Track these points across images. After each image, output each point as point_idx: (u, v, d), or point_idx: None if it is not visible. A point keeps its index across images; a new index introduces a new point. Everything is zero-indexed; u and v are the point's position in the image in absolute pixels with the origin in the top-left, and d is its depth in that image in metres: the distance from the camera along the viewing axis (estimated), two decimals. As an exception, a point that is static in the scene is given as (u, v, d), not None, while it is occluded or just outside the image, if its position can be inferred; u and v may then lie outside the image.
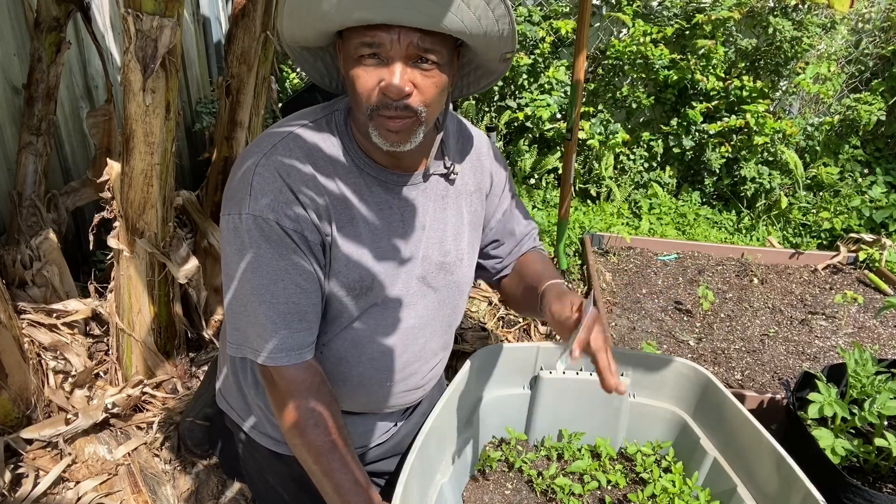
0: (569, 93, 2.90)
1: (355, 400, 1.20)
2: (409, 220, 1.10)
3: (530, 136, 4.67)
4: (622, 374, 1.45)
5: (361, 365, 1.14)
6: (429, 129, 1.01)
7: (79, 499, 1.90)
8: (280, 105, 4.13)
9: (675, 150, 4.46)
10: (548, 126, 4.45)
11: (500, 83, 4.63)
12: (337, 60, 1.06)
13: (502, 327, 2.98)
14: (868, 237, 3.70)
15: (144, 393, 2.23)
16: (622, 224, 4.25)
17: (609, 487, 1.38)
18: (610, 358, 0.98)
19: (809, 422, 1.75)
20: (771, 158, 4.33)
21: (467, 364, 1.39)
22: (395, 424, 1.32)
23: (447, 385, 1.31)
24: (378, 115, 0.95)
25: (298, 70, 5.08)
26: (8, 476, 1.87)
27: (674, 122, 4.45)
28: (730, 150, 4.35)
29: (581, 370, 1.46)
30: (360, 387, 1.17)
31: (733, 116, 4.29)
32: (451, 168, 1.14)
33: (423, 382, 1.26)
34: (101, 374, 2.34)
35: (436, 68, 0.94)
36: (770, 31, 4.17)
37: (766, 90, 4.26)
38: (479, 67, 1.10)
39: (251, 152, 1.03)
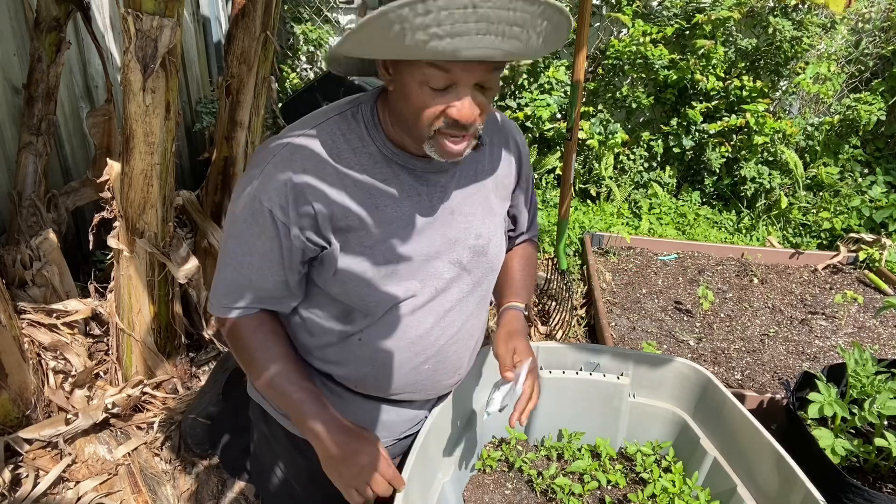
0: (569, 93, 2.90)
1: (395, 384, 1.20)
2: (437, 204, 1.11)
3: (530, 136, 4.67)
4: (621, 374, 1.45)
5: (400, 350, 1.16)
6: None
7: (79, 499, 1.90)
8: (280, 105, 4.13)
9: (675, 150, 4.46)
10: (548, 126, 4.45)
11: (500, 83, 4.62)
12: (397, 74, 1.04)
13: (502, 327, 2.98)
14: (868, 237, 3.70)
15: (145, 393, 2.24)
16: (622, 224, 4.25)
17: (609, 487, 1.38)
18: (528, 408, 1.17)
19: (809, 422, 1.75)
20: (771, 158, 4.33)
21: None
22: (425, 417, 1.31)
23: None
24: (439, 135, 0.98)
25: (298, 70, 5.08)
26: (8, 476, 1.87)
27: (674, 122, 4.45)
28: (730, 149, 4.36)
29: (581, 370, 1.46)
30: (399, 371, 1.18)
31: (733, 116, 4.29)
32: (481, 142, 1.16)
33: (460, 364, 1.26)
34: (101, 374, 2.34)
35: (496, 85, 0.98)
36: (770, 30, 4.17)
37: (766, 90, 4.26)
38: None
39: (283, 134, 1.08)
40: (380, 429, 1.25)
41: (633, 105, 4.48)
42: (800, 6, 4.19)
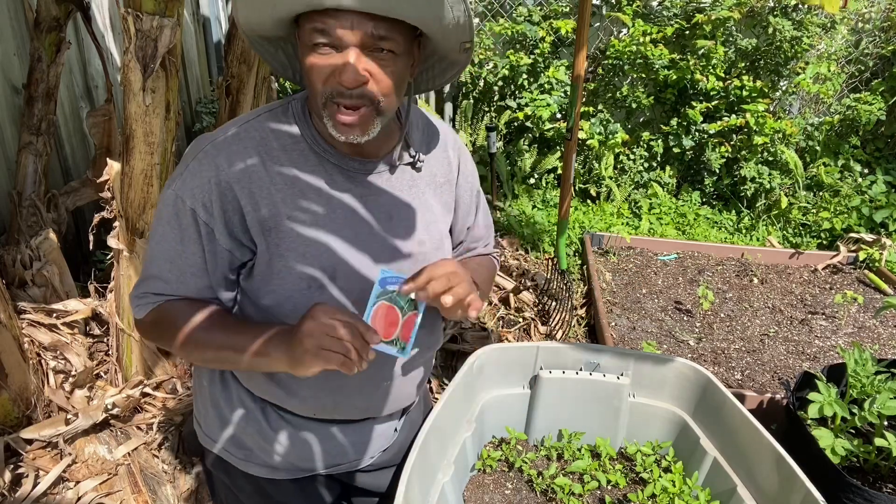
0: (569, 92, 2.90)
1: (357, 406, 1.16)
2: (373, 208, 1.07)
3: (530, 135, 4.67)
4: (621, 374, 1.45)
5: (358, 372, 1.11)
6: (387, 119, 1.00)
7: (79, 499, 1.90)
8: (280, 105, 4.13)
9: (675, 150, 4.46)
10: (548, 126, 4.45)
11: (500, 83, 4.63)
12: (298, 52, 1.03)
13: (502, 327, 2.98)
14: (868, 237, 3.70)
15: (145, 394, 2.23)
16: (622, 224, 4.25)
17: (609, 487, 1.38)
18: (437, 290, 0.95)
19: (809, 422, 1.75)
20: (771, 158, 4.33)
21: (467, 364, 1.39)
22: (395, 430, 1.30)
23: (446, 383, 1.31)
24: (332, 104, 0.94)
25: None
26: (8, 476, 1.87)
27: (674, 122, 4.45)
28: (730, 149, 4.36)
29: (581, 369, 1.46)
30: (360, 392, 1.14)
31: (733, 116, 4.29)
32: (417, 157, 1.13)
33: (419, 375, 1.23)
34: (102, 374, 2.34)
35: (391, 56, 0.93)
36: (770, 30, 4.17)
37: (766, 90, 4.26)
38: (442, 59, 1.08)
39: (209, 135, 1.03)
40: (350, 450, 1.20)
41: (633, 105, 4.48)
42: (800, 6, 4.19)
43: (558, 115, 4.51)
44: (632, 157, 4.55)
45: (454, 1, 0.90)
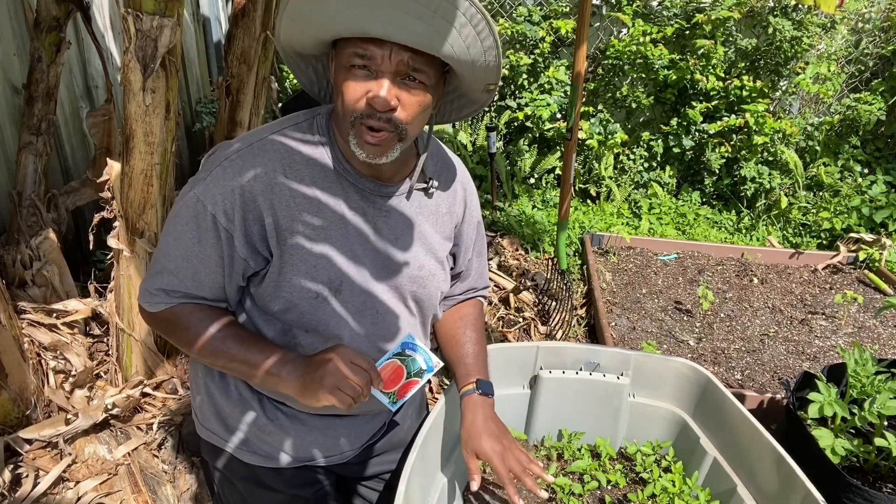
0: (569, 92, 2.90)
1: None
2: (382, 229, 1.12)
3: (530, 135, 4.67)
4: (621, 374, 1.45)
5: None
6: (407, 146, 1.04)
7: (79, 499, 1.90)
8: (280, 105, 4.14)
9: (675, 150, 4.46)
10: (548, 126, 4.45)
11: (501, 83, 4.63)
12: (328, 71, 1.09)
13: (502, 327, 2.98)
14: (868, 237, 3.70)
15: (145, 394, 2.23)
16: (622, 224, 4.25)
17: (609, 487, 1.38)
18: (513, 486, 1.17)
19: (809, 422, 1.75)
20: (771, 158, 4.34)
21: (467, 364, 1.39)
22: (385, 423, 1.31)
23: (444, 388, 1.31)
24: (360, 124, 0.98)
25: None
26: (8, 476, 1.87)
27: (674, 121, 4.45)
28: (730, 149, 4.36)
29: (581, 369, 1.46)
30: None
31: (733, 116, 4.29)
32: (430, 185, 1.18)
33: None
34: (102, 374, 2.33)
35: (422, 88, 0.98)
36: (770, 30, 4.18)
37: (766, 90, 4.26)
38: (462, 96, 1.13)
39: (236, 142, 1.07)
40: (344, 442, 1.23)
41: (633, 105, 4.48)
42: (800, 6, 4.19)
43: (558, 115, 4.51)
44: (632, 157, 4.55)
45: (489, 46, 0.96)
